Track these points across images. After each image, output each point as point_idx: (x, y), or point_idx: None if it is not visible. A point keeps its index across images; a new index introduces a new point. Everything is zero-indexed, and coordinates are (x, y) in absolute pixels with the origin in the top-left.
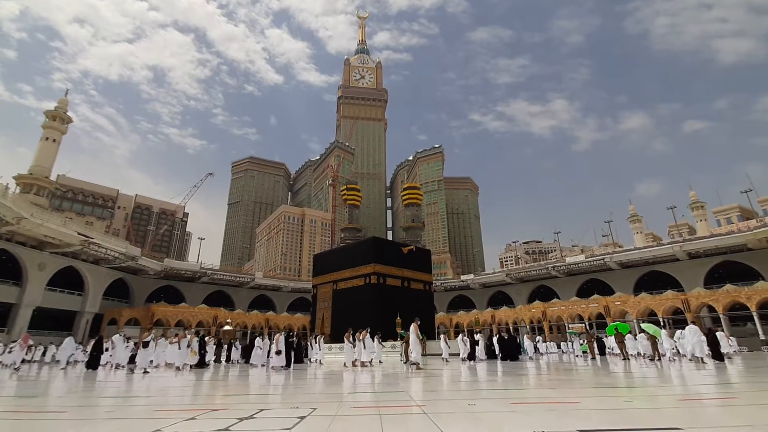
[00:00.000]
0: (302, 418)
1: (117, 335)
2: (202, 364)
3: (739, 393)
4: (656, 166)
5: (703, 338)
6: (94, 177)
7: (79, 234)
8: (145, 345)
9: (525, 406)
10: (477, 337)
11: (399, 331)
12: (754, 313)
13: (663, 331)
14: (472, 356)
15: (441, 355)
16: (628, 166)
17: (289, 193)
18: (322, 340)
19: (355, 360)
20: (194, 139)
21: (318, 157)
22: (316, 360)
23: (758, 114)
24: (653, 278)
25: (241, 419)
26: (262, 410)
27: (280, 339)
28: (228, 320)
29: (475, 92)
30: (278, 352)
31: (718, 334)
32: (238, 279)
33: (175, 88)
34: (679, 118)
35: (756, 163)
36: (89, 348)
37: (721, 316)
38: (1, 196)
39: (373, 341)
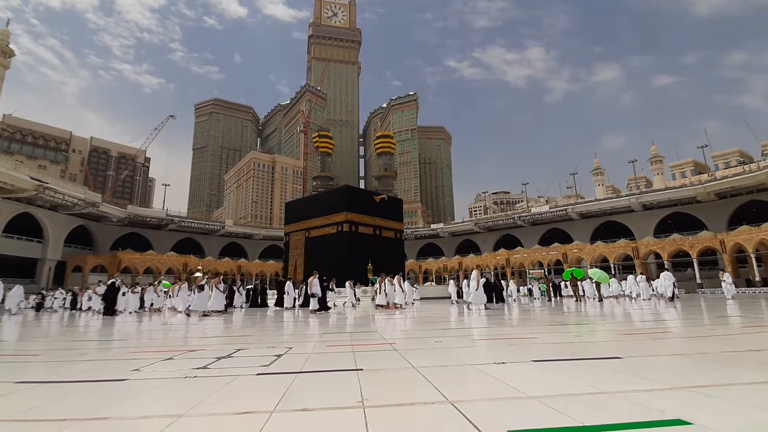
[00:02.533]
0: (279, 356)
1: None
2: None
3: (674, 327)
4: (623, 120)
5: (673, 282)
6: (43, 117)
7: (32, 179)
8: (201, 288)
9: (487, 342)
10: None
11: (370, 277)
12: (695, 260)
13: (612, 279)
14: (492, 299)
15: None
16: (596, 119)
17: (259, 138)
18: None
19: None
20: (150, 76)
21: (288, 102)
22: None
23: (724, 70)
24: (609, 228)
25: (218, 358)
26: (239, 350)
27: (315, 282)
28: (199, 267)
29: (453, 36)
30: (313, 295)
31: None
32: (207, 226)
33: (125, 18)
34: (649, 71)
35: (715, 119)
36: (61, 295)
37: (665, 262)
38: None
39: (350, 287)
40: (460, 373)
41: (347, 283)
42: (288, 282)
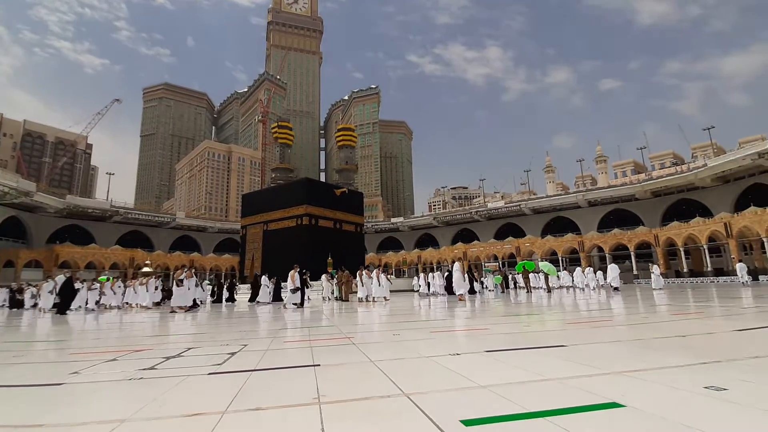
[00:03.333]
0: (233, 354)
1: (61, 276)
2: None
3: (613, 316)
4: (573, 120)
5: (618, 273)
6: None
7: None
8: (180, 283)
9: (443, 334)
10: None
11: (330, 270)
12: (632, 253)
13: (563, 272)
14: (472, 291)
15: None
16: (549, 119)
17: (214, 127)
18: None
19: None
20: (93, 56)
21: (246, 90)
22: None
23: (662, 77)
24: (558, 223)
25: (167, 358)
26: (190, 348)
27: (296, 276)
28: (147, 261)
29: (414, 31)
30: (294, 290)
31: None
32: (157, 218)
33: None
34: (597, 75)
35: (653, 122)
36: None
37: (607, 255)
38: None
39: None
40: (417, 366)
41: (323, 276)
42: (264, 276)
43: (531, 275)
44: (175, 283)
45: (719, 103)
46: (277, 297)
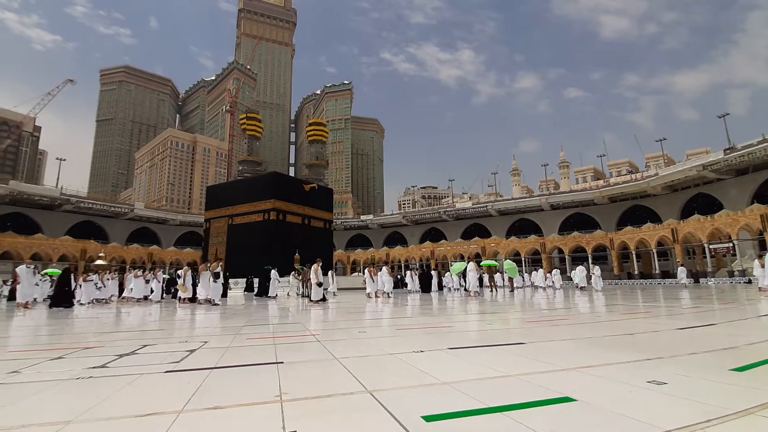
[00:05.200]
0: (192, 351)
1: (24, 267)
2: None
3: (570, 315)
4: (538, 125)
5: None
6: None
7: None
8: (217, 276)
9: (408, 331)
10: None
11: (297, 267)
12: (589, 255)
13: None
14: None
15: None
16: (516, 123)
17: (178, 115)
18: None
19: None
20: (42, 31)
21: (213, 78)
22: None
23: (620, 89)
24: (522, 225)
25: (120, 356)
26: (146, 346)
27: (319, 270)
28: (101, 254)
29: (389, 28)
30: (319, 284)
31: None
32: (112, 209)
33: None
34: (562, 83)
35: (612, 132)
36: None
37: (566, 256)
38: None
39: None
40: (381, 363)
41: (292, 273)
42: (273, 270)
43: (496, 275)
44: (211, 276)
45: (671, 117)
46: (263, 291)
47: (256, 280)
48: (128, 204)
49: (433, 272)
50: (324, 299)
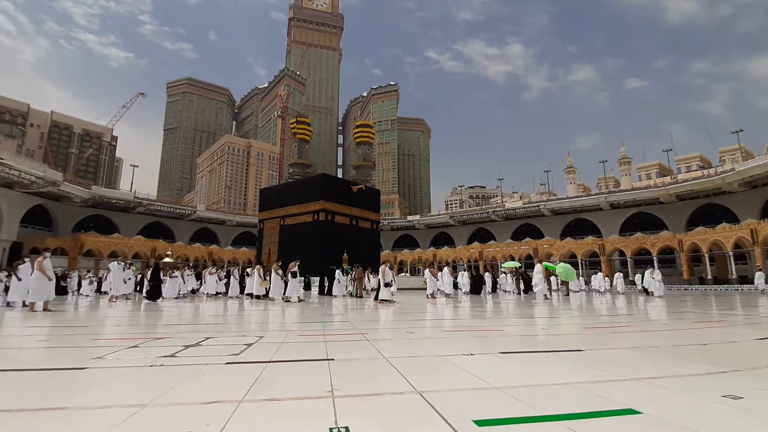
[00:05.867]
0: (249, 345)
1: (115, 263)
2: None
3: (633, 322)
4: (596, 120)
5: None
6: None
7: None
8: (294, 275)
9: (457, 333)
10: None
11: (345, 267)
12: (654, 258)
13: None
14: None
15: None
16: (571, 118)
17: (234, 122)
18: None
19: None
20: (118, 50)
21: (266, 85)
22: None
23: (689, 77)
24: (578, 225)
25: (186, 347)
26: (208, 338)
27: (387, 270)
28: (168, 252)
29: (434, 27)
30: (387, 284)
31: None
32: (178, 211)
33: None
34: (622, 74)
35: (680, 123)
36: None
37: (628, 259)
38: None
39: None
40: (430, 364)
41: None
42: (338, 270)
43: (551, 277)
44: (289, 274)
45: (747, 106)
46: (328, 290)
47: (315, 279)
48: (191, 206)
49: (486, 274)
50: (391, 300)
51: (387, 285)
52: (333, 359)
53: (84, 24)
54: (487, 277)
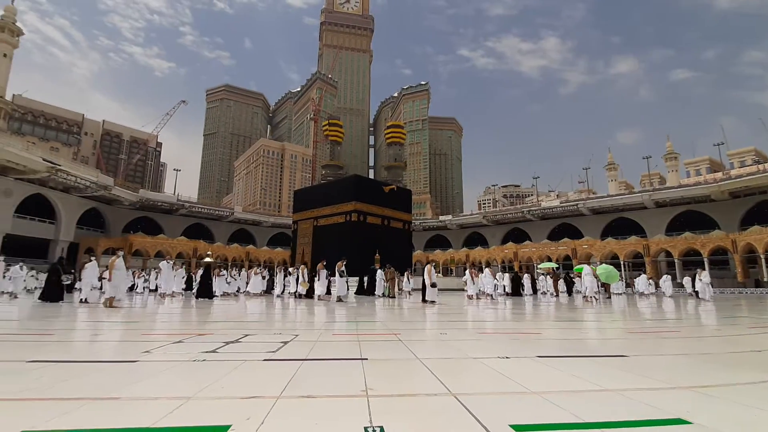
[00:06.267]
0: (285, 343)
1: (165, 262)
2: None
3: (681, 327)
4: (638, 114)
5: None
6: (53, 98)
7: (44, 160)
8: (342, 275)
9: (492, 336)
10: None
11: (377, 267)
12: (705, 259)
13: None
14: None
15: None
16: (611, 113)
17: (269, 126)
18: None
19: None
20: (161, 60)
21: (299, 89)
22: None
23: (742, 66)
24: (620, 224)
25: (227, 343)
26: (247, 335)
27: (433, 271)
28: (208, 252)
29: (466, 24)
30: (434, 285)
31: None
32: (217, 212)
33: None
34: (668, 65)
35: (731, 116)
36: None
37: (676, 260)
38: None
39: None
40: (464, 366)
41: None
42: (379, 270)
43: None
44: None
45: None
46: (371, 290)
47: (352, 279)
48: (229, 208)
49: (526, 275)
50: (433, 301)
51: (433, 285)
52: (366, 359)
53: (131, 37)
54: (526, 279)
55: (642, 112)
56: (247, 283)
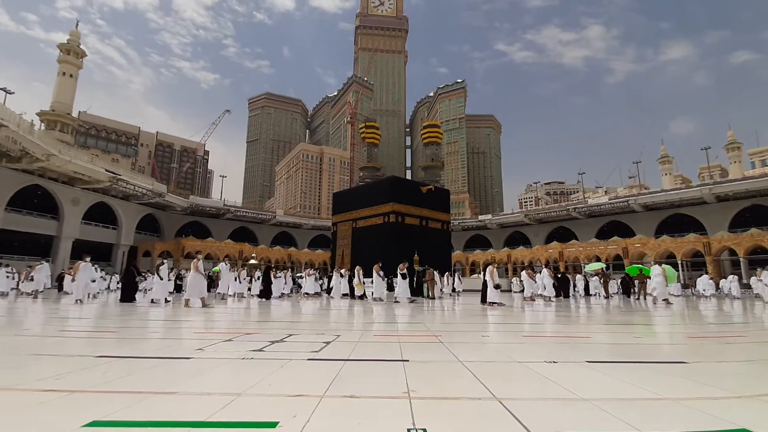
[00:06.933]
0: (327, 343)
1: (222, 264)
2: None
3: (748, 331)
4: (694, 101)
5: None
6: (113, 113)
7: (107, 171)
8: (404, 277)
9: (538, 339)
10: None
11: (417, 268)
12: None
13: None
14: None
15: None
16: (664, 102)
17: (307, 130)
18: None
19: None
20: (207, 72)
21: (335, 93)
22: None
23: None
24: (677, 221)
25: (272, 342)
26: (291, 335)
27: (495, 272)
28: (253, 255)
29: (502, 18)
30: (497, 286)
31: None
32: (260, 216)
33: (182, 16)
34: (726, 47)
35: None
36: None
37: (741, 259)
38: (28, 133)
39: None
40: (508, 370)
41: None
42: (435, 271)
43: (648, 280)
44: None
45: None
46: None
47: (395, 280)
48: (271, 211)
49: (578, 276)
50: (496, 302)
51: (497, 287)
52: (408, 360)
53: (179, 53)
54: (579, 280)
55: (698, 100)
56: (294, 284)
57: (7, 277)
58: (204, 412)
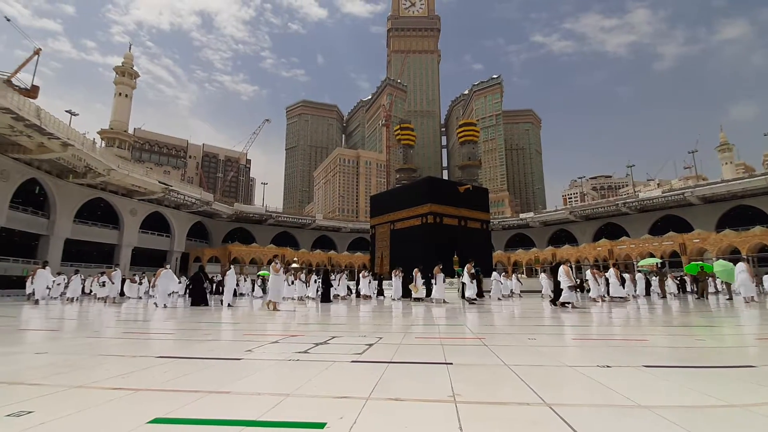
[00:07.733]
0: (370, 345)
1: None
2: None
3: None
4: (754, 84)
5: None
6: (164, 128)
7: (160, 182)
8: (472, 277)
9: (589, 342)
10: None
11: (456, 269)
12: None
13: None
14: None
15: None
16: (720, 86)
17: (343, 135)
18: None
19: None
20: (246, 84)
21: (369, 97)
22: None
23: None
24: (739, 214)
25: (316, 344)
26: (334, 337)
27: (570, 272)
28: (295, 259)
29: (538, 8)
30: (572, 287)
31: None
32: (300, 221)
33: (223, 32)
34: None
35: None
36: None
37: None
38: (91, 150)
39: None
40: (558, 375)
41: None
42: (478, 269)
43: (710, 279)
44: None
45: None
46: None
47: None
48: (311, 216)
49: (638, 275)
50: (569, 303)
51: (571, 288)
52: (451, 363)
53: (221, 68)
54: (640, 279)
55: (758, 82)
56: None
57: (83, 283)
58: (255, 412)
